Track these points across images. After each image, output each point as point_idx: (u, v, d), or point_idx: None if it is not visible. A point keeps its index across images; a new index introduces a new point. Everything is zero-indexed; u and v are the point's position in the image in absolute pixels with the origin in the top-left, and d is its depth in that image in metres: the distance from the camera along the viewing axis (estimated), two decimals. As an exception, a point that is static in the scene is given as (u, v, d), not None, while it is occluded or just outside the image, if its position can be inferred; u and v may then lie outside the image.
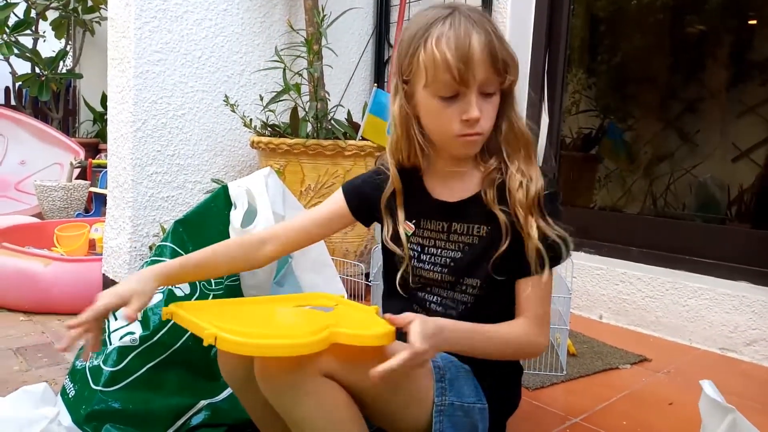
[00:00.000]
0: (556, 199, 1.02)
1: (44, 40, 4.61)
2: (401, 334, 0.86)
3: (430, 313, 1.06)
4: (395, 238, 1.07)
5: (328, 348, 0.82)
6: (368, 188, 1.11)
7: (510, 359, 1.07)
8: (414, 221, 1.07)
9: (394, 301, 1.12)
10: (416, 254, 1.06)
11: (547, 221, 0.98)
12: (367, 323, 0.91)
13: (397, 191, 1.07)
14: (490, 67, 0.93)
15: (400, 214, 1.07)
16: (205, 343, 0.79)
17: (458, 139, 0.98)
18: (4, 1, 4.25)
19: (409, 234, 1.07)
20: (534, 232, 0.96)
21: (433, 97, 0.96)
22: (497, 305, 1.02)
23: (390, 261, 1.11)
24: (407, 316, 0.87)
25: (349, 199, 1.12)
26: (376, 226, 1.16)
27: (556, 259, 0.99)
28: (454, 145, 1.00)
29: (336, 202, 1.14)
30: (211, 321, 0.84)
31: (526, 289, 0.99)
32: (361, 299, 1.92)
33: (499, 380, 1.05)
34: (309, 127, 2.13)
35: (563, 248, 0.98)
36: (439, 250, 1.04)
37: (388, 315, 0.88)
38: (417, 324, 0.85)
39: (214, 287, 1.35)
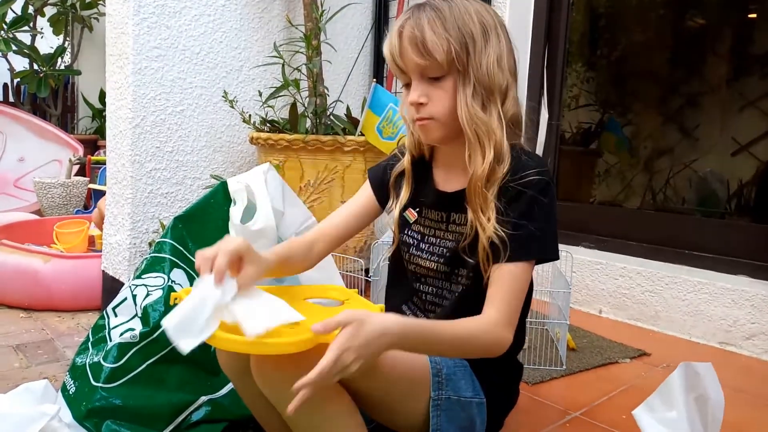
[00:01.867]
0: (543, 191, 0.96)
1: (42, 37, 4.60)
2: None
3: (426, 304, 1.07)
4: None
5: (323, 345, 0.81)
6: (388, 171, 1.13)
7: (475, 357, 0.99)
8: (417, 209, 1.08)
9: (395, 292, 1.14)
10: (416, 242, 1.07)
11: (505, 212, 0.94)
12: None
13: (407, 171, 1.09)
14: (411, 52, 0.95)
15: (405, 194, 1.08)
16: None
17: (414, 125, 1.00)
18: (2, -2, 4.23)
19: (412, 221, 1.08)
20: (484, 223, 0.94)
21: (401, 88, 1.02)
22: (482, 295, 0.97)
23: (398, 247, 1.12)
24: (340, 321, 0.78)
25: (375, 190, 1.14)
26: (376, 221, 1.16)
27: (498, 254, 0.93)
28: (416, 132, 1.03)
29: (366, 193, 1.15)
30: None
31: (499, 277, 0.94)
32: (361, 295, 1.91)
33: (498, 376, 1.05)
34: (308, 123, 2.12)
35: (501, 249, 0.93)
36: (438, 239, 1.05)
37: (316, 325, 0.78)
38: (343, 334, 0.77)
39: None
